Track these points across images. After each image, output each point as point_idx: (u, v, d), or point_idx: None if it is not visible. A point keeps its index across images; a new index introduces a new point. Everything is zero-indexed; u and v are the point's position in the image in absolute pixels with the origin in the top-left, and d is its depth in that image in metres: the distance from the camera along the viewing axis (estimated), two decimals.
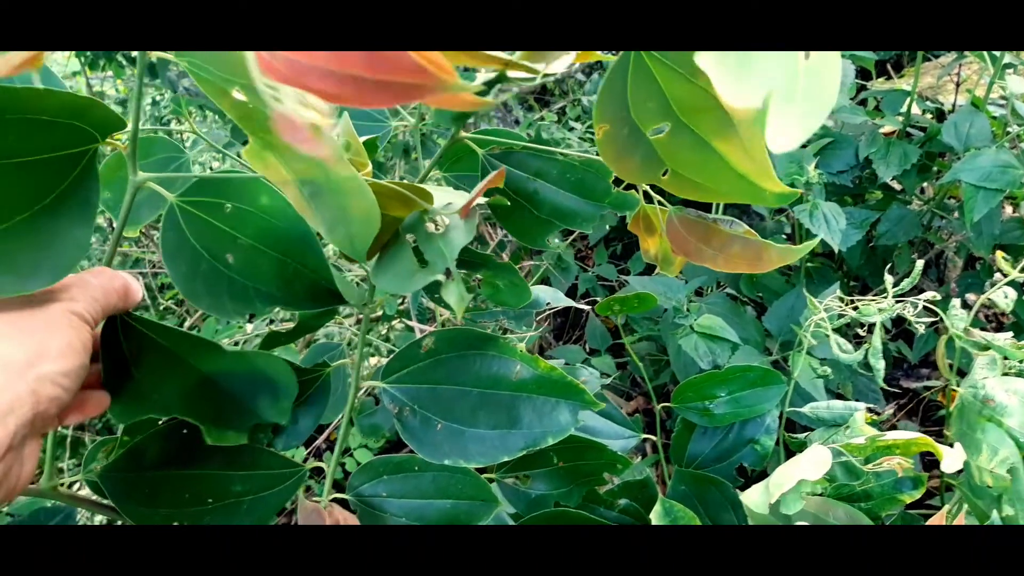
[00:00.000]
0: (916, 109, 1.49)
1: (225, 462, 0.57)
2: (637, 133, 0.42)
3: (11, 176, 0.40)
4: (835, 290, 1.04)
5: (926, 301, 0.90)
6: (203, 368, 0.52)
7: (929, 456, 1.43)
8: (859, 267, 1.58)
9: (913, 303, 0.91)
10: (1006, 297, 0.86)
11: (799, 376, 1.02)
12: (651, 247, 0.65)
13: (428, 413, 0.57)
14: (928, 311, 0.91)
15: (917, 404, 1.66)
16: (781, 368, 1.32)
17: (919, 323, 0.90)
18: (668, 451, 0.96)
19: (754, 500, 0.70)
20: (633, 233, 0.67)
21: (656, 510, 0.75)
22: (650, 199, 0.63)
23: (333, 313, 0.64)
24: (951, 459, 0.67)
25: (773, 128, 0.23)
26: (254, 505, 0.58)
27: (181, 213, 0.49)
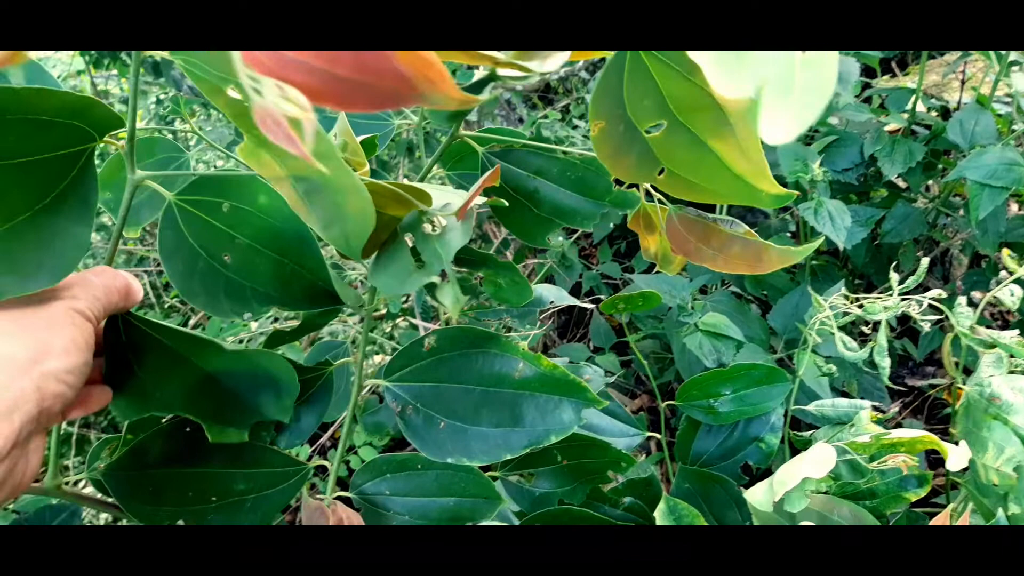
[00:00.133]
0: (921, 107, 1.48)
1: (228, 460, 0.57)
2: (633, 131, 0.41)
3: (11, 176, 0.40)
4: (840, 288, 1.04)
5: (931, 299, 0.90)
6: (205, 366, 0.52)
7: (934, 454, 1.43)
8: (864, 265, 1.58)
9: (918, 301, 0.90)
10: (1012, 295, 0.85)
11: (804, 374, 1.02)
12: (651, 245, 0.64)
13: (431, 411, 0.57)
14: (933, 309, 0.91)
15: (922, 402, 1.66)
16: (786, 366, 1.32)
17: (924, 321, 0.90)
18: (672, 449, 0.95)
19: (758, 498, 0.70)
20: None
21: (660, 508, 0.75)
22: (651, 197, 0.63)
23: (336, 312, 0.64)
24: (956, 457, 0.67)
25: (767, 120, 0.23)
26: (257, 503, 0.58)
27: (179, 212, 0.49)
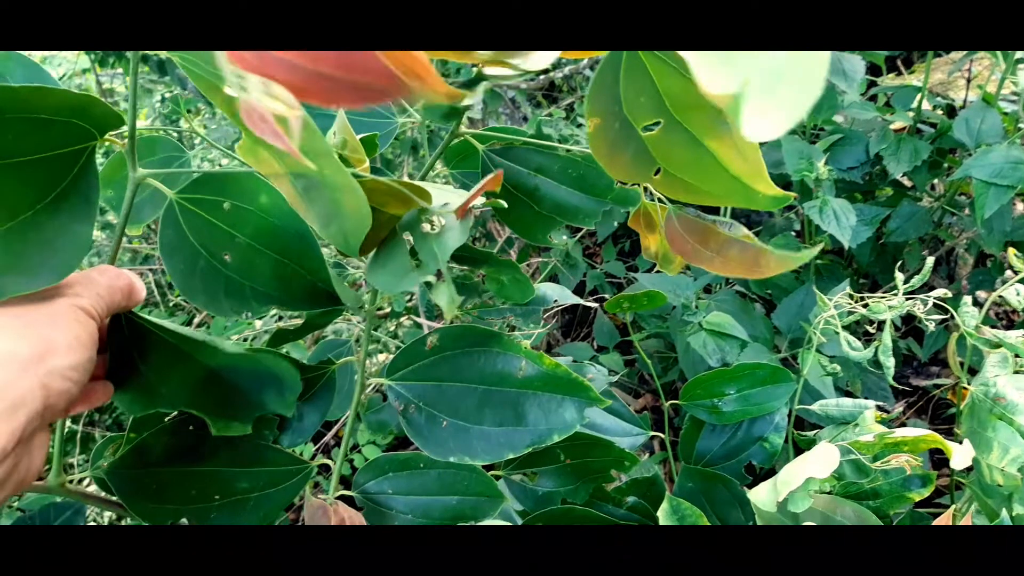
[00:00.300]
0: (927, 105, 1.48)
1: (231, 459, 0.57)
2: (629, 129, 0.40)
3: (12, 175, 0.40)
4: (845, 287, 1.04)
5: (936, 298, 0.89)
6: (208, 362, 0.52)
7: (938, 454, 1.43)
8: (869, 264, 1.58)
9: (923, 300, 0.90)
10: (1018, 294, 0.85)
11: (808, 373, 1.01)
12: (652, 244, 0.64)
13: (433, 410, 0.57)
14: (938, 308, 0.91)
15: (927, 402, 1.65)
16: (790, 365, 1.32)
17: (929, 320, 0.90)
18: (676, 448, 0.95)
19: (762, 498, 0.70)
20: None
21: (663, 508, 0.75)
22: (652, 195, 0.62)
23: (339, 311, 0.64)
24: (960, 455, 0.67)
25: (750, 116, 0.22)
26: (260, 502, 0.58)
27: (180, 210, 0.49)
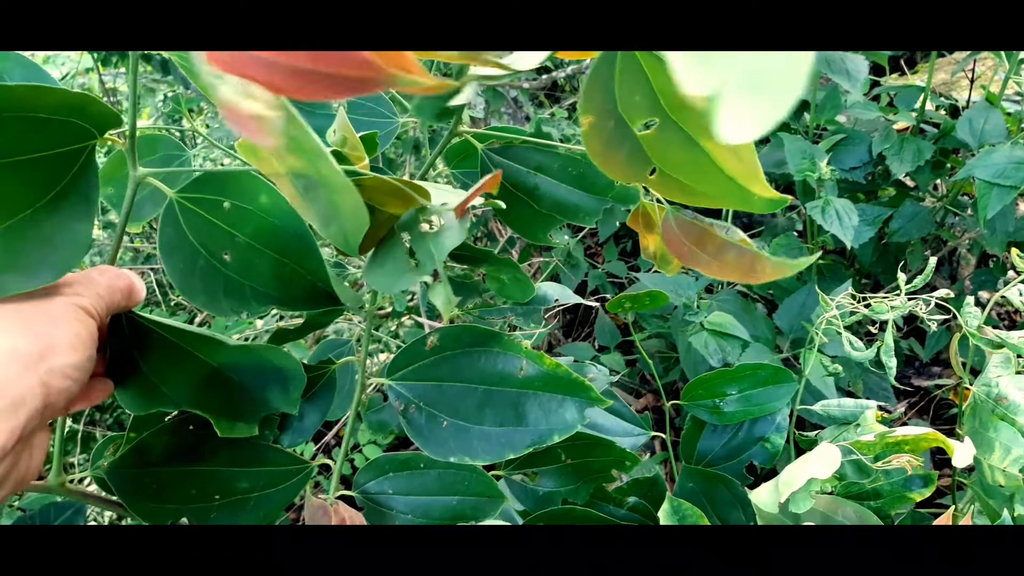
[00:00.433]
0: (930, 105, 1.47)
1: (232, 458, 0.57)
2: (624, 127, 0.40)
3: (10, 175, 0.40)
4: (847, 287, 1.04)
5: (939, 299, 0.89)
6: (210, 360, 0.52)
7: (940, 454, 1.42)
8: (871, 264, 1.57)
9: (925, 300, 0.90)
10: (1020, 295, 0.85)
11: (810, 374, 1.01)
12: (650, 244, 0.63)
13: (434, 410, 0.56)
14: (940, 309, 0.90)
15: (928, 402, 1.65)
16: (791, 366, 1.31)
17: (931, 321, 0.90)
18: (677, 449, 0.95)
19: (764, 499, 0.70)
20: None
21: (664, 508, 0.74)
22: (651, 195, 0.62)
23: (340, 311, 0.64)
24: (961, 454, 0.67)
25: (726, 118, 0.22)
26: (260, 501, 0.58)
27: (180, 209, 0.49)
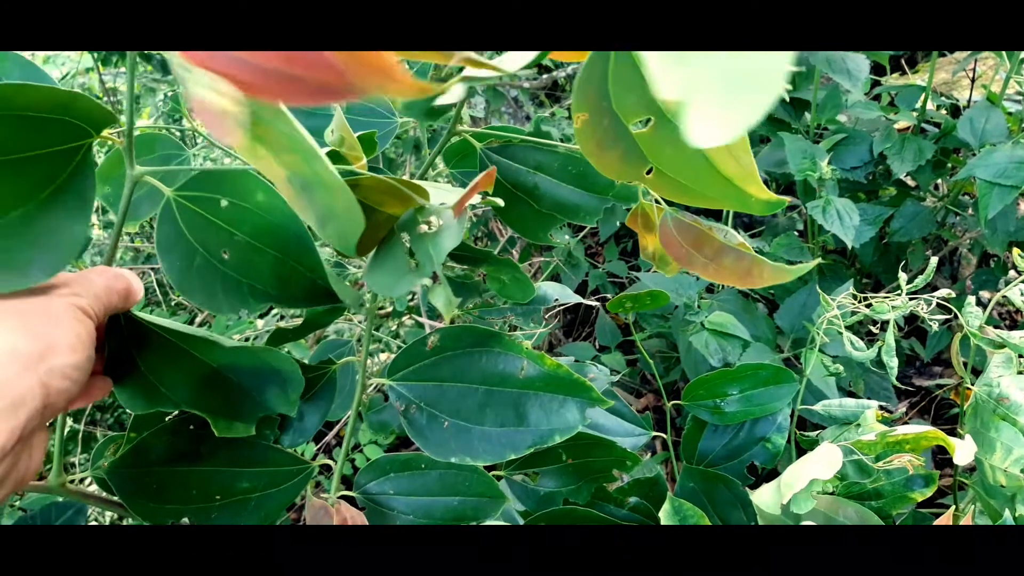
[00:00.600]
0: (931, 105, 1.47)
1: (232, 459, 0.57)
2: (618, 125, 0.39)
3: (3, 172, 0.40)
4: (848, 287, 1.03)
5: (940, 298, 0.89)
6: (209, 360, 0.52)
7: (941, 455, 1.42)
8: (872, 264, 1.57)
9: (927, 300, 0.90)
10: (1021, 294, 0.85)
11: (811, 374, 1.01)
12: (649, 245, 0.63)
13: (434, 411, 0.56)
14: (942, 308, 0.90)
15: (929, 402, 1.65)
16: (792, 365, 1.31)
17: (932, 320, 0.90)
18: (678, 449, 0.95)
19: (765, 500, 0.70)
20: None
21: (665, 509, 0.74)
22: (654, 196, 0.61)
23: (341, 311, 0.64)
24: (963, 452, 0.67)
25: (696, 120, 0.21)
26: (261, 502, 0.58)
27: (177, 207, 0.49)
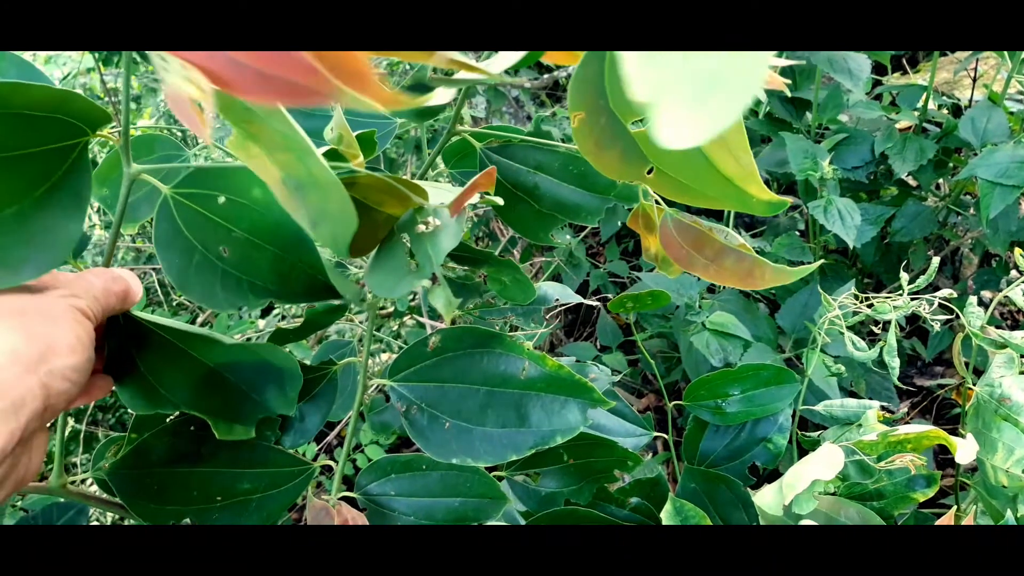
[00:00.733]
0: (932, 104, 1.47)
1: (233, 460, 0.57)
2: (616, 124, 0.38)
3: None
4: (850, 287, 1.03)
5: (941, 298, 0.89)
6: (207, 359, 0.52)
7: (943, 455, 1.42)
8: (874, 264, 1.57)
9: (928, 300, 0.90)
10: (1023, 294, 0.85)
11: (812, 374, 1.01)
12: (651, 246, 0.62)
13: (436, 411, 0.56)
14: (943, 308, 0.90)
15: (931, 402, 1.65)
16: (794, 366, 1.31)
17: (934, 321, 0.89)
18: (679, 449, 0.95)
19: (767, 501, 0.70)
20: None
21: (666, 509, 0.74)
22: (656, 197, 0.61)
23: (343, 310, 0.64)
24: (964, 451, 0.66)
25: (665, 123, 0.21)
26: (263, 503, 0.58)
27: (174, 204, 0.48)
